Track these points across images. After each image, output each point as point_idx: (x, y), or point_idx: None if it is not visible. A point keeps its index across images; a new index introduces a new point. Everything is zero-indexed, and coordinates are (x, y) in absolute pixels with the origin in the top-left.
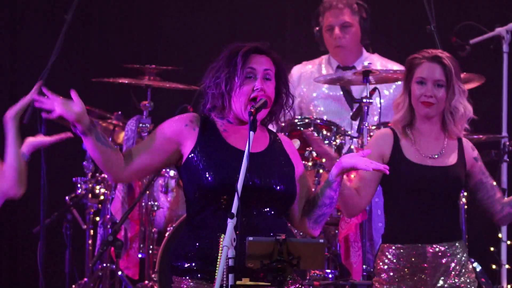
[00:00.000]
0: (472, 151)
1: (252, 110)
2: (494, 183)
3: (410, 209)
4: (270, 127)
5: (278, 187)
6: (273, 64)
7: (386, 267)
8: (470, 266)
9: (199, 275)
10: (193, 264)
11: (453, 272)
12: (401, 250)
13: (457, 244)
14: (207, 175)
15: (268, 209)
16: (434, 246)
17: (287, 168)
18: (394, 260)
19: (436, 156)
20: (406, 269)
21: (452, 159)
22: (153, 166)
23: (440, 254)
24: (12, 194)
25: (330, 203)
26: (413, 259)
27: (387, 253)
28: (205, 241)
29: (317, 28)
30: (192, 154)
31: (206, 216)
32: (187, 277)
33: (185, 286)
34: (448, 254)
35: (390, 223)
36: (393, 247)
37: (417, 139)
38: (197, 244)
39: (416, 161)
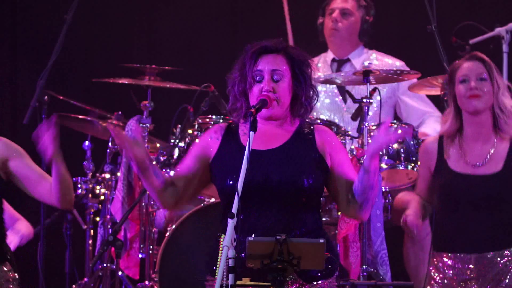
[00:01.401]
0: None
1: (252, 110)
2: None
3: (455, 218)
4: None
5: (280, 183)
6: (288, 62)
7: (436, 274)
8: None
9: None
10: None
11: (506, 280)
12: (447, 259)
13: (506, 252)
14: (229, 180)
15: (273, 206)
16: (478, 255)
17: (305, 161)
18: (443, 269)
19: (480, 164)
20: (452, 278)
21: (497, 166)
22: (202, 186)
23: (485, 262)
24: (60, 208)
25: (372, 187)
26: (457, 268)
27: (436, 261)
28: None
29: (322, 20)
30: (214, 161)
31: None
32: None
33: None
34: (496, 262)
35: (438, 231)
36: (444, 255)
37: (465, 146)
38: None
39: (458, 170)
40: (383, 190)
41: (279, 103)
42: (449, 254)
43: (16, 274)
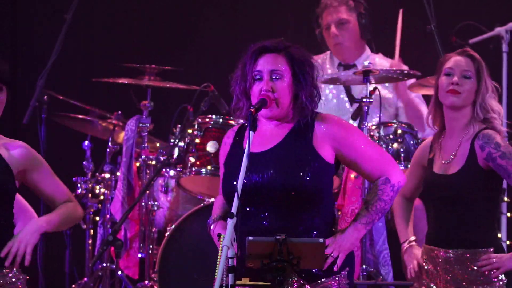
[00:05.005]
0: (481, 152)
1: (252, 110)
2: None
3: (431, 215)
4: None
5: (276, 184)
6: (288, 62)
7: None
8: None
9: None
10: None
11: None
12: (424, 249)
13: (480, 250)
14: (228, 183)
15: (271, 206)
16: (446, 251)
17: (299, 159)
18: (424, 258)
19: (449, 161)
20: (421, 267)
21: (458, 164)
22: None
23: (452, 259)
24: None
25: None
26: (428, 261)
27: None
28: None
29: (318, 30)
30: (224, 165)
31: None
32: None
33: None
34: (464, 261)
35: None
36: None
37: (443, 144)
38: None
39: (435, 170)
40: None
41: (278, 103)
42: (426, 246)
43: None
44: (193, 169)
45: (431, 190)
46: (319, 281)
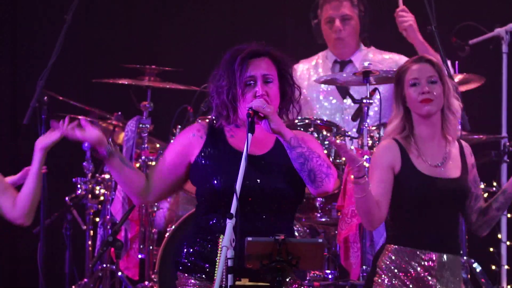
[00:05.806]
0: (470, 157)
1: (250, 112)
2: (482, 193)
3: (418, 218)
4: None
5: (278, 189)
6: (274, 64)
7: (385, 266)
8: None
9: (204, 276)
10: (198, 263)
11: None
12: (402, 252)
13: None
14: (214, 180)
15: (268, 211)
16: (436, 254)
17: (287, 168)
18: (396, 261)
19: (440, 164)
20: (404, 271)
21: (457, 168)
22: (175, 183)
23: (442, 263)
24: (18, 223)
25: (302, 156)
26: (413, 263)
27: (389, 253)
28: (210, 243)
29: (316, 21)
30: (198, 159)
31: (213, 219)
32: (193, 275)
33: (190, 283)
34: (452, 267)
35: (395, 229)
36: (395, 247)
37: (421, 146)
38: (205, 244)
39: (426, 172)
40: None
41: (272, 105)
42: (405, 248)
43: None
44: None
45: (429, 193)
46: (301, 282)
